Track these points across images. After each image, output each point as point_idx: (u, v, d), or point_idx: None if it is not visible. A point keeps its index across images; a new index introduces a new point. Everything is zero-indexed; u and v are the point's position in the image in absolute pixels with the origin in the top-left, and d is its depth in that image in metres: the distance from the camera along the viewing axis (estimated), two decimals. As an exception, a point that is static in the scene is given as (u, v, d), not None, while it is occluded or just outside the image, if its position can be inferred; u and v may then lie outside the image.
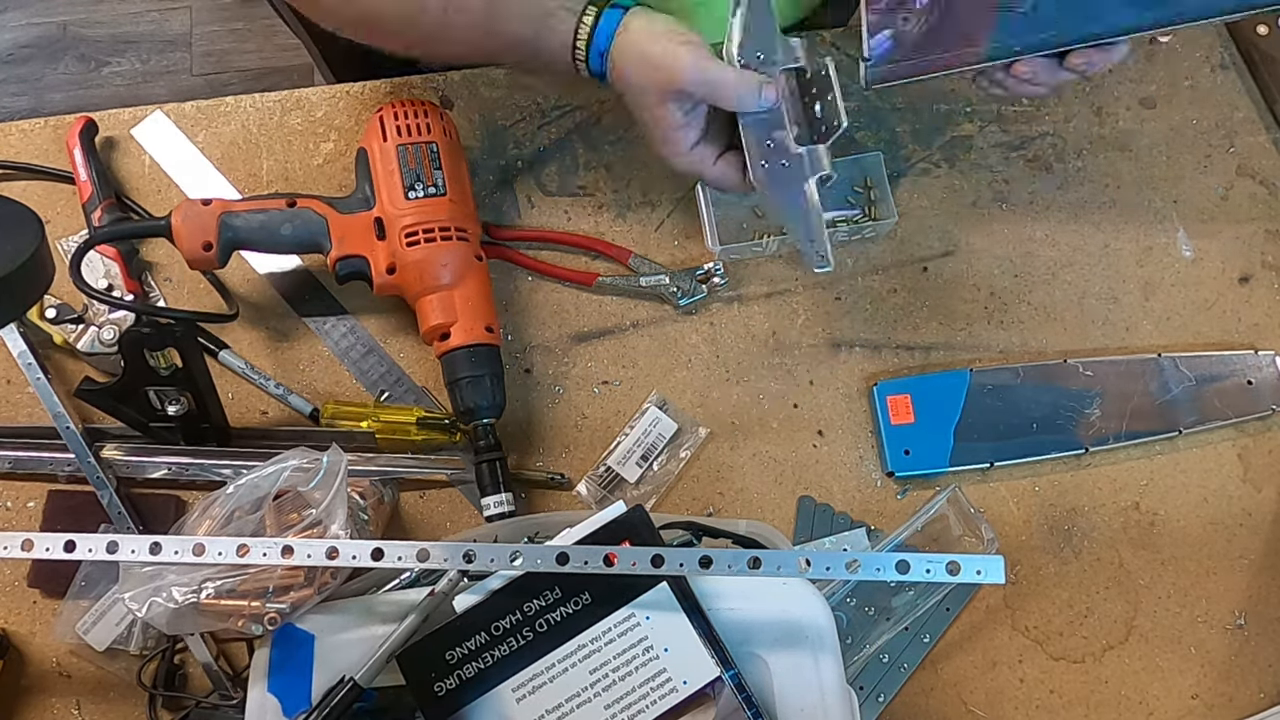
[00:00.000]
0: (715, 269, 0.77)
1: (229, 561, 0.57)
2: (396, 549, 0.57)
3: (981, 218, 0.81)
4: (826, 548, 0.73)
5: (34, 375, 0.70)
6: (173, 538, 0.57)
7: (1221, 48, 0.86)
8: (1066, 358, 0.77)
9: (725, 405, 0.77)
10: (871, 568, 0.56)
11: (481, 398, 0.71)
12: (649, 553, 0.56)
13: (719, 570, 0.56)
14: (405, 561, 0.57)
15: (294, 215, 0.71)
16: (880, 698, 0.71)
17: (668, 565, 0.56)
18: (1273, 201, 0.82)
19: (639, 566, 0.56)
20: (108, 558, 0.57)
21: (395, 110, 0.74)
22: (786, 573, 0.56)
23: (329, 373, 0.77)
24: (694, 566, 0.56)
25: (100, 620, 0.69)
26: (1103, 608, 0.74)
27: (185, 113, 0.83)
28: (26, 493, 0.75)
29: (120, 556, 0.57)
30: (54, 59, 1.84)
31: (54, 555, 0.57)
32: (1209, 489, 0.76)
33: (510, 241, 0.80)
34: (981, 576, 0.55)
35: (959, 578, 0.55)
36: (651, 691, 0.57)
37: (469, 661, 0.58)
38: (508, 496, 0.70)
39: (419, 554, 0.57)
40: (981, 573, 0.55)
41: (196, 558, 0.57)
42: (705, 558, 0.56)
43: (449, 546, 0.58)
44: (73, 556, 0.57)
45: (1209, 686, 0.72)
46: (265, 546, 0.57)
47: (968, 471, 0.75)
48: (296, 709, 0.59)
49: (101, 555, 0.57)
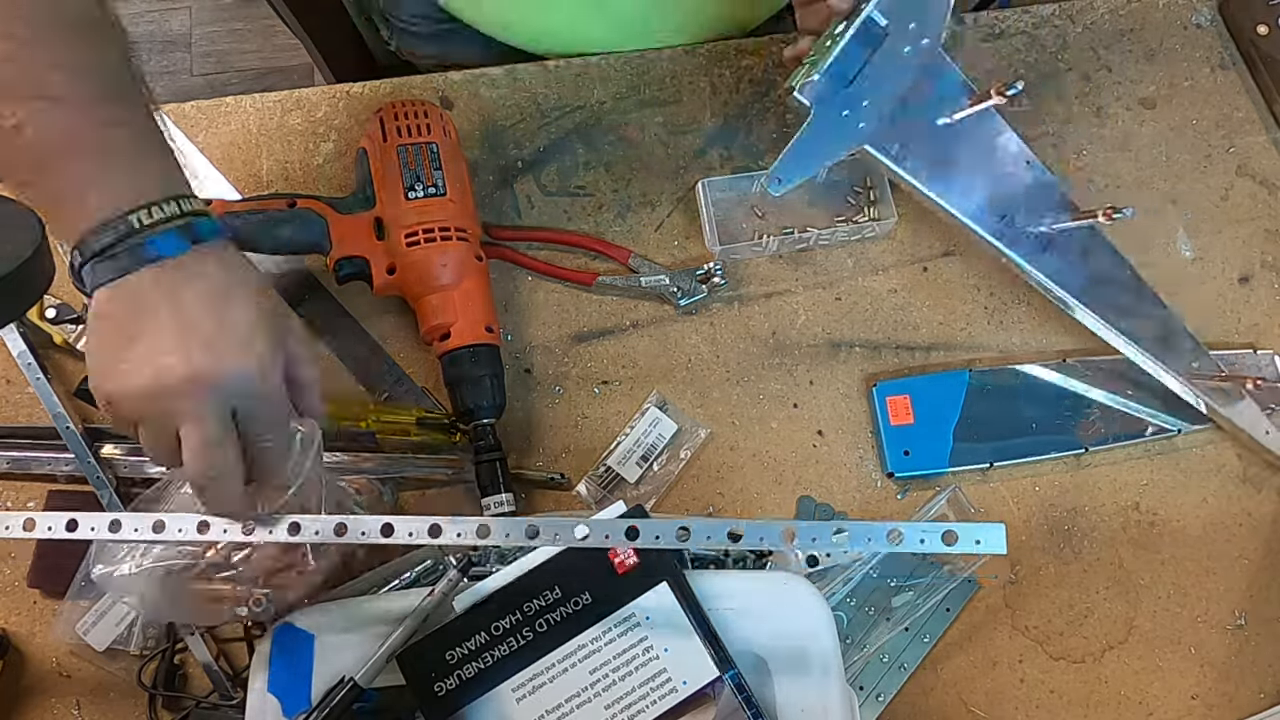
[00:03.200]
0: (715, 269, 0.77)
1: (236, 539, 0.55)
2: (407, 524, 0.54)
3: (981, 218, 0.81)
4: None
5: (34, 375, 0.70)
6: (175, 515, 0.55)
7: (1221, 48, 0.86)
8: (1066, 358, 0.77)
9: (725, 405, 0.77)
10: (861, 538, 0.52)
11: (482, 398, 0.71)
12: (673, 525, 0.52)
13: (697, 540, 0.52)
14: (416, 537, 0.54)
15: (294, 216, 0.71)
16: (880, 698, 0.71)
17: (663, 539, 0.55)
18: (1273, 201, 0.82)
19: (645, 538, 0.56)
20: (111, 537, 0.55)
21: (395, 111, 0.74)
22: (770, 544, 0.53)
23: (329, 373, 0.77)
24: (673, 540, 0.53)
25: (100, 620, 0.69)
26: (1103, 608, 0.74)
27: (185, 113, 0.83)
28: (26, 493, 0.75)
29: (123, 535, 0.55)
30: (54, 59, 1.84)
31: (56, 535, 0.55)
32: (1209, 489, 0.76)
33: (510, 241, 0.80)
34: (980, 546, 0.50)
35: (955, 547, 0.50)
36: (651, 692, 0.58)
37: (469, 661, 0.58)
38: (509, 497, 0.70)
39: (430, 529, 0.54)
40: (980, 542, 0.50)
41: (200, 535, 0.55)
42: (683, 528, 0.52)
43: (462, 521, 0.54)
44: (75, 536, 0.55)
45: (1209, 686, 0.72)
46: (270, 524, 0.55)
47: (967, 472, 0.75)
48: (296, 709, 0.59)
49: (105, 535, 0.55)
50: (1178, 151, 0.83)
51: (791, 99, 0.65)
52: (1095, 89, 0.84)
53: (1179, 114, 0.84)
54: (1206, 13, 0.87)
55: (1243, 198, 0.82)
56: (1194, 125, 0.84)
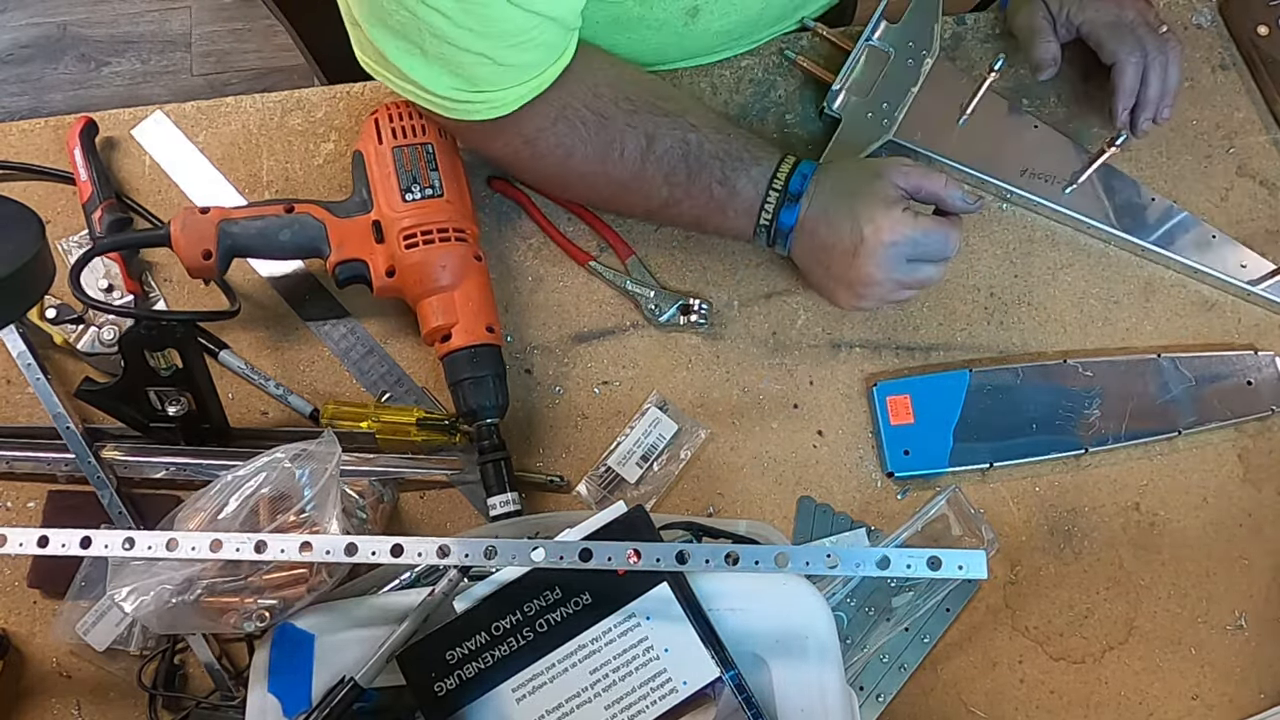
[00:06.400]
0: (700, 307, 0.77)
1: (247, 557, 0.56)
2: (416, 545, 0.56)
3: (981, 218, 0.81)
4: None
5: (34, 375, 0.70)
6: (189, 534, 0.57)
7: (1221, 48, 0.86)
8: (1066, 358, 0.77)
9: (725, 405, 0.77)
10: (851, 563, 0.54)
11: (485, 398, 0.71)
12: (674, 548, 0.56)
13: (696, 565, 0.55)
14: (425, 557, 0.56)
15: (292, 221, 0.71)
16: (880, 698, 0.71)
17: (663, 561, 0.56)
18: (1273, 201, 0.82)
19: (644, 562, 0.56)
20: (124, 554, 0.56)
21: (390, 113, 0.74)
22: (764, 568, 0.55)
23: (329, 373, 0.77)
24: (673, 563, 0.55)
25: (100, 621, 0.69)
26: (1103, 608, 0.74)
27: (185, 113, 0.83)
28: (26, 493, 0.75)
29: (136, 553, 0.56)
30: (54, 59, 1.84)
31: (70, 551, 0.56)
32: (1209, 489, 0.76)
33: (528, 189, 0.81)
34: (963, 571, 0.53)
35: (940, 572, 0.54)
36: (651, 692, 0.58)
37: (469, 661, 0.59)
38: (514, 495, 0.70)
39: (439, 550, 0.56)
40: (963, 567, 0.53)
41: (213, 553, 0.56)
42: (681, 553, 0.55)
43: (469, 542, 0.56)
44: (88, 552, 0.56)
45: (1209, 687, 0.72)
46: (283, 543, 0.56)
47: (967, 472, 0.75)
48: (297, 709, 0.59)
49: (118, 552, 0.56)
50: (1178, 151, 0.83)
51: (825, 115, 0.81)
52: (1095, 89, 0.84)
53: (1179, 114, 0.83)
54: (1207, 13, 0.87)
55: (1243, 198, 0.82)
56: (1194, 125, 0.84)
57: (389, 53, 0.63)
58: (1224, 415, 0.76)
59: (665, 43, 0.78)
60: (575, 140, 0.70)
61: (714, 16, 0.76)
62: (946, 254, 0.69)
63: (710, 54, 0.84)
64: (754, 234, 0.72)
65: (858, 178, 0.69)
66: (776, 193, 0.70)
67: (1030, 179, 0.80)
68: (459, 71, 0.64)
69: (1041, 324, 0.79)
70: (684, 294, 0.78)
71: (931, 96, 0.80)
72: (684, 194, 0.71)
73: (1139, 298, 0.80)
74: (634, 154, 0.70)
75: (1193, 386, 0.76)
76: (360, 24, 0.63)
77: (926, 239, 0.67)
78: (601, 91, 0.70)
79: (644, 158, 0.70)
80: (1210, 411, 0.76)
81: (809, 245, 0.71)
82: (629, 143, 0.70)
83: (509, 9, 0.59)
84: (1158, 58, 0.76)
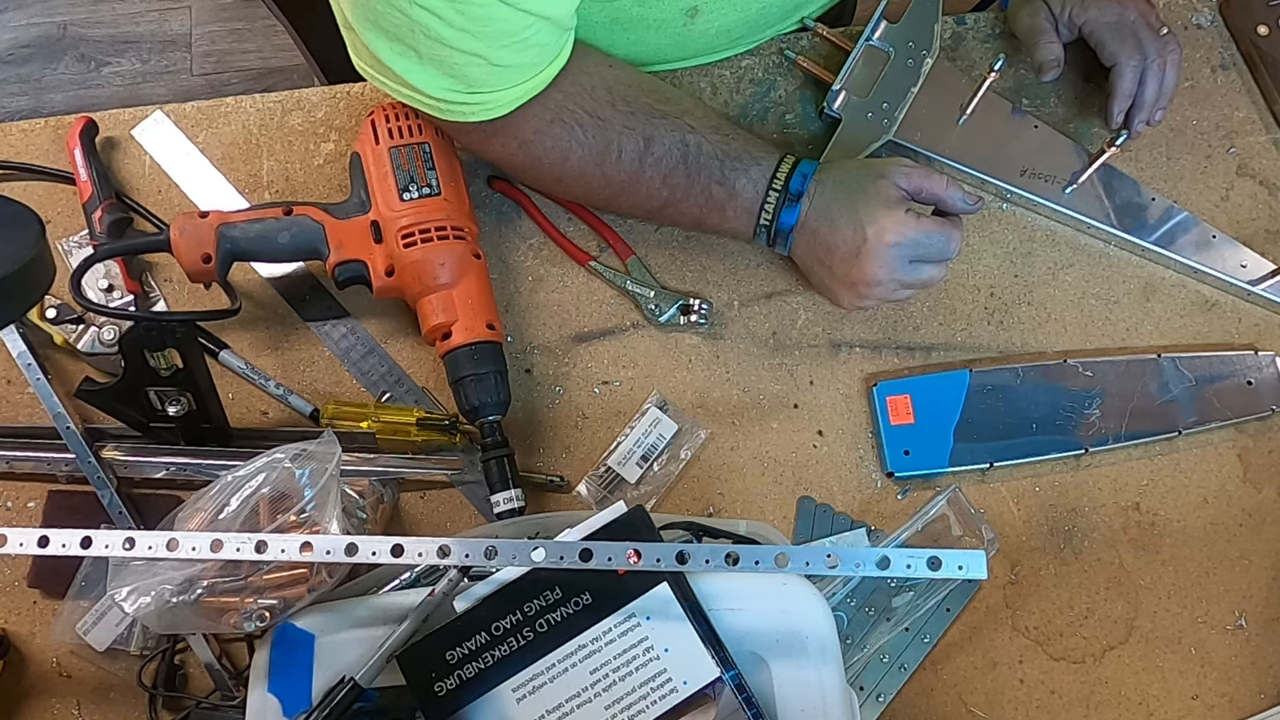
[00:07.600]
0: (700, 307, 0.77)
1: (248, 557, 0.56)
2: (416, 545, 0.56)
3: (981, 218, 0.81)
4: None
5: (34, 375, 0.70)
6: (190, 534, 0.57)
7: (1221, 48, 0.86)
8: (1066, 358, 0.77)
9: (725, 405, 0.77)
10: (850, 563, 0.55)
11: (486, 395, 0.71)
12: (674, 549, 0.56)
13: (696, 565, 0.55)
14: (425, 557, 0.56)
15: (291, 224, 0.71)
16: (880, 698, 0.71)
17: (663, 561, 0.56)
18: (1273, 202, 0.82)
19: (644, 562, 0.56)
20: (124, 554, 0.56)
21: (386, 113, 0.73)
22: (764, 568, 0.55)
23: (329, 373, 0.77)
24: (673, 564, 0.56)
25: (100, 620, 0.69)
26: (1103, 608, 0.74)
27: (185, 113, 0.83)
28: (26, 493, 0.75)
29: (136, 553, 0.56)
30: (54, 59, 1.84)
31: (70, 551, 0.57)
32: (1209, 489, 0.76)
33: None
34: (963, 571, 0.54)
35: (940, 573, 0.54)
36: (651, 692, 0.58)
37: (469, 661, 0.59)
38: (518, 492, 0.70)
39: (439, 550, 0.56)
40: (963, 568, 0.54)
41: (214, 553, 0.56)
42: (681, 553, 0.56)
43: (469, 542, 0.56)
44: (89, 552, 0.57)
45: (1209, 687, 0.72)
46: (284, 543, 0.56)
47: (967, 472, 0.75)
48: (297, 709, 0.59)
49: (119, 552, 0.56)
50: (1178, 152, 0.83)
51: (826, 115, 0.81)
52: (1094, 89, 0.84)
53: (1179, 114, 0.84)
54: (1207, 13, 0.87)
55: (1243, 198, 0.82)
56: (1194, 125, 0.84)
57: (383, 56, 0.63)
58: (1224, 415, 0.76)
59: (665, 43, 0.78)
60: (572, 142, 0.70)
61: (714, 16, 0.76)
62: (948, 255, 0.69)
63: (710, 54, 0.84)
64: (754, 234, 0.72)
65: (859, 178, 0.70)
66: (776, 193, 0.70)
67: (1030, 179, 0.80)
68: (453, 73, 0.64)
69: (1041, 324, 0.79)
70: (684, 294, 0.78)
71: (931, 96, 0.80)
72: (683, 195, 0.71)
73: (1139, 298, 0.80)
74: (632, 156, 0.70)
75: (1193, 386, 0.76)
76: (354, 28, 0.63)
77: (929, 240, 0.68)
78: (598, 93, 0.70)
79: (642, 159, 0.70)
80: (1210, 411, 0.76)
81: (810, 245, 0.71)
82: (626, 144, 0.70)
83: (502, 8, 0.59)
84: (1156, 60, 0.76)
